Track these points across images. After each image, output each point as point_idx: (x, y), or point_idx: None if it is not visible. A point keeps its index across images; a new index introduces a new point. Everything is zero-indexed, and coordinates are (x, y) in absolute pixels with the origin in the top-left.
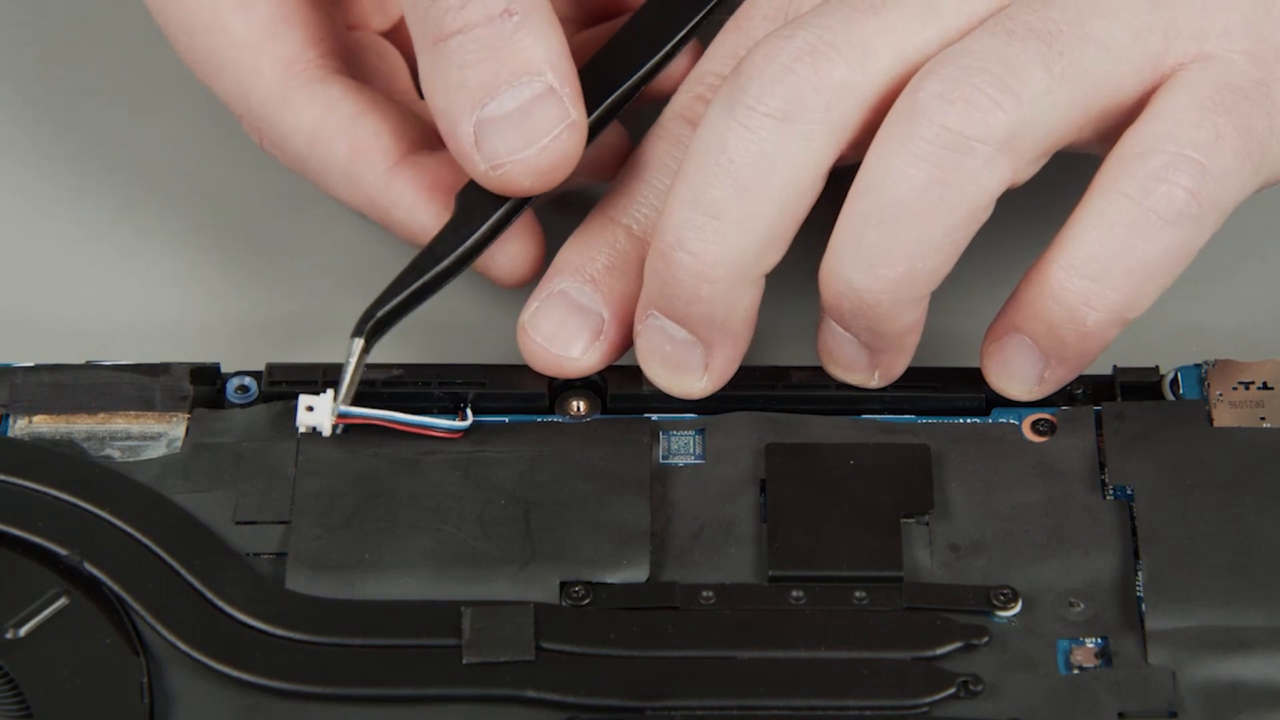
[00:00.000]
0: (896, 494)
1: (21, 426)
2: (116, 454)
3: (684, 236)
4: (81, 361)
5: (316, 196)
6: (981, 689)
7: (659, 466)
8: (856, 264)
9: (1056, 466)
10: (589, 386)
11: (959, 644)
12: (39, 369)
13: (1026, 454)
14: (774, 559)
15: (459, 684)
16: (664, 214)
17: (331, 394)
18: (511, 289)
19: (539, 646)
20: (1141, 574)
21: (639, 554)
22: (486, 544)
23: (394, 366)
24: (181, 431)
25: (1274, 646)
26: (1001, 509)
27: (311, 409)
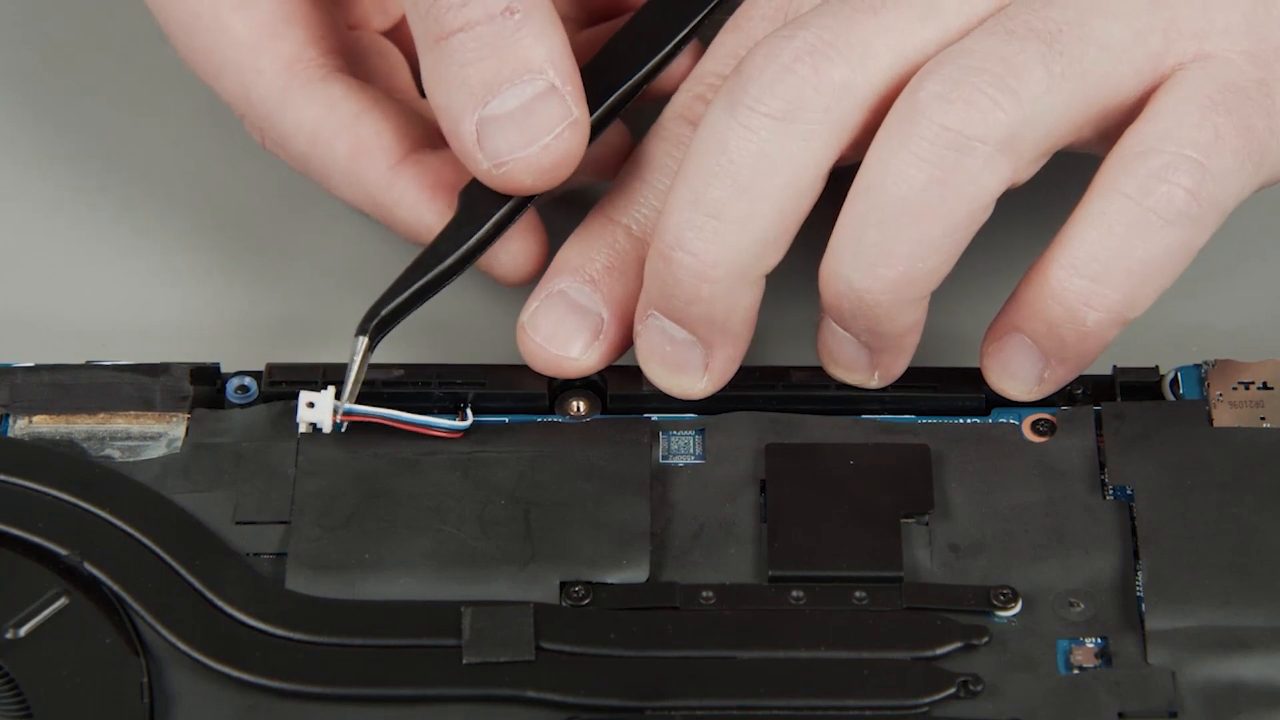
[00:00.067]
0: (896, 494)
1: (21, 426)
2: (116, 454)
3: (684, 236)
4: (81, 361)
5: (317, 196)
6: (981, 689)
7: (659, 466)
8: (856, 264)
9: (1056, 466)
10: (589, 386)
11: (959, 644)
12: (39, 369)
13: (1026, 454)
14: (774, 559)
15: (459, 684)
16: (664, 214)
17: (332, 390)
18: (514, 287)
19: (539, 646)
20: (1141, 574)
21: (639, 554)
22: (486, 544)
23: (394, 366)
24: (181, 431)
25: (1274, 646)
26: (1001, 509)
27: (312, 405)
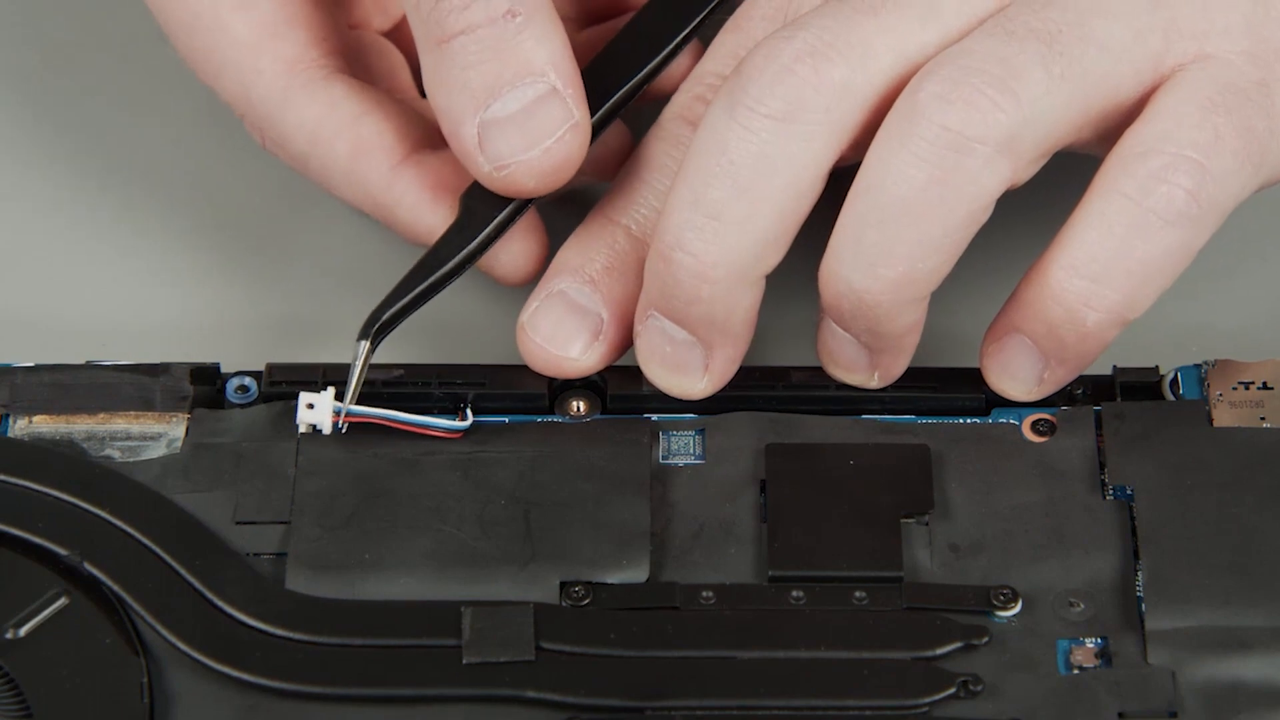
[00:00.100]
0: (896, 494)
1: (21, 426)
2: (116, 454)
3: (684, 237)
4: (81, 361)
5: (317, 196)
6: (981, 689)
7: (659, 466)
8: (856, 264)
9: (1056, 466)
10: (589, 387)
11: (959, 644)
12: (39, 369)
13: (1026, 454)
14: (774, 559)
15: (459, 684)
16: (664, 215)
17: (332, 392)
18: (514, 287)
19: (539, 646)
20: (1141, 574)
21: (639, 554)
22: (486, 544)
23: (395, 367)
24: (181, 431)
25: (1274, 646)
26: (1001, 509)
27: (312, 406)
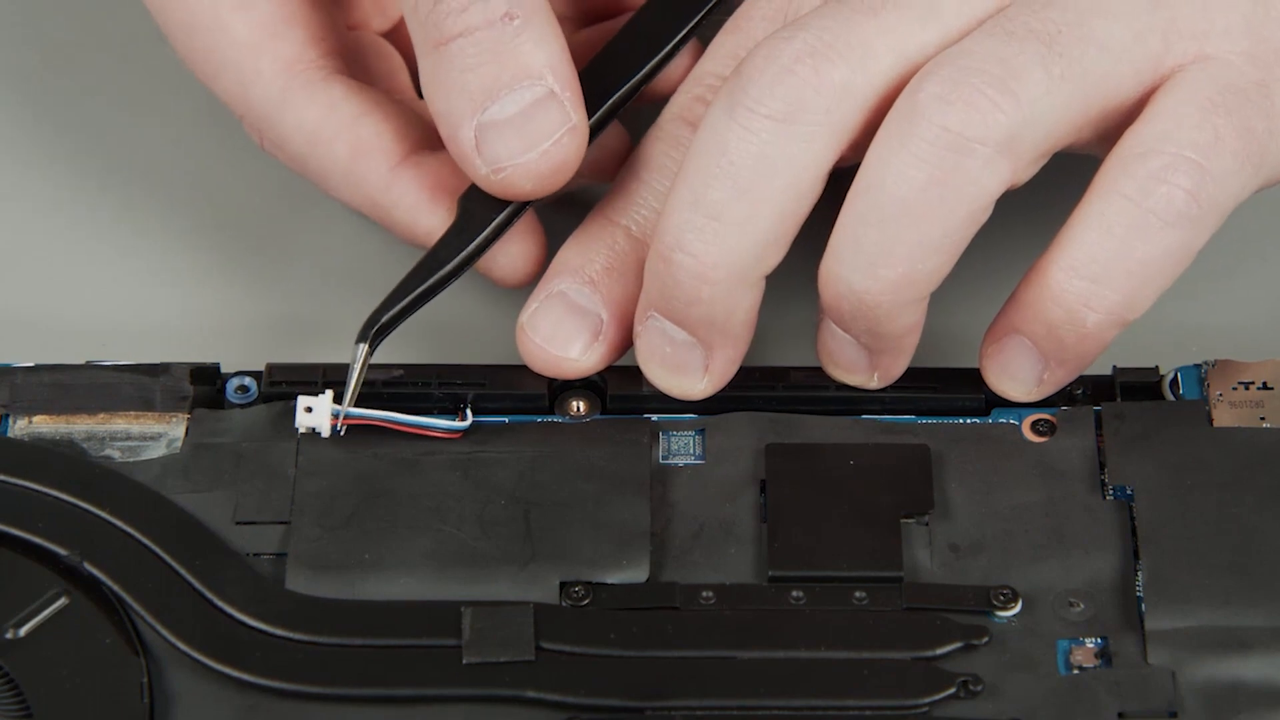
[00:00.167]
0: (896, 494)
1: (21, 426)
2: (116, 454)
3: (684, 238)
4: (81, 361)
5: (316, 196)
6: (981, 689)
7: (659, 466)
8: (856, 265)
9: (1056, 466)
10: (589, 387)
11: (959, 644)
12: (39, 369)
13: (1026, 454)
14: (774, 559)
15: (459, 684)
16: (664, 215)
17: (330, 395)
18: (513, 289)
19: (539, 646)
20: (1141, 574)
21: (639, 554)
22: (486, 544)
23: (394, 367)
24: (181, 432)
25: (1274, 646)
26: (1001, 509)
27: (310, 410)
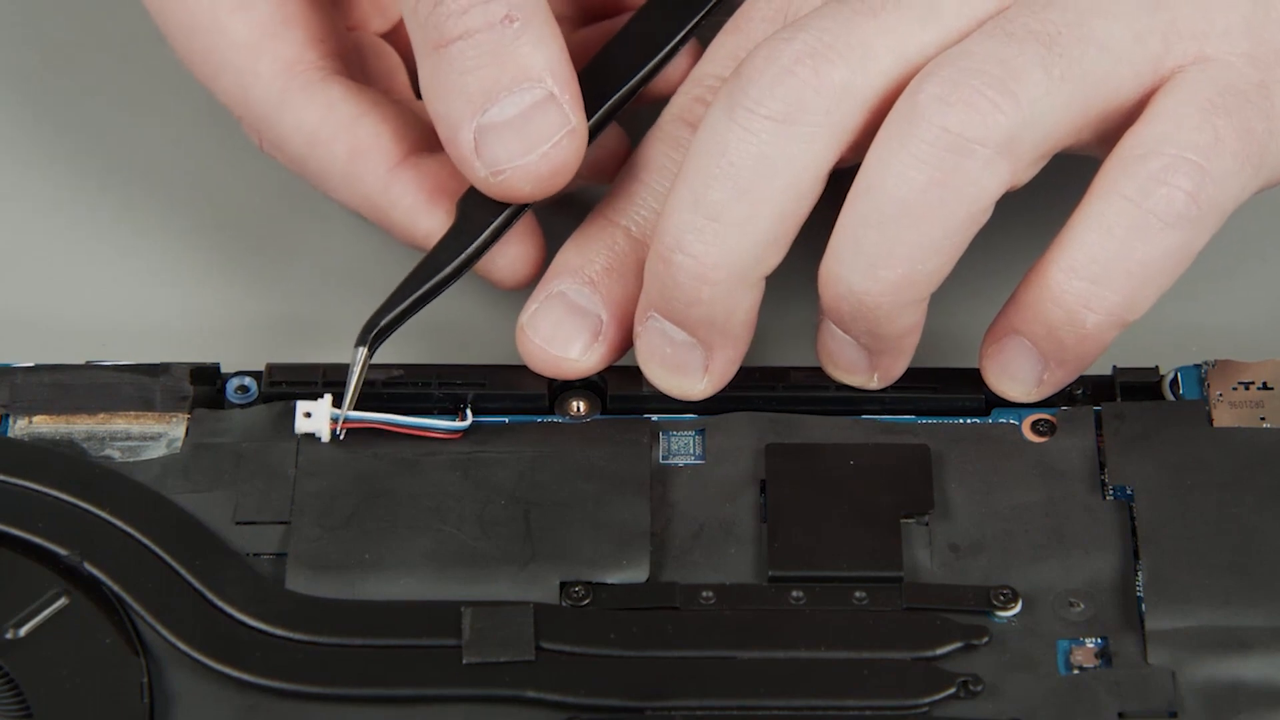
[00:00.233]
0: (896, 494)
1: (21, 426)
2: (116, 454)
3: (684, 239)
4: (81, 361)
5: (316, 197)
6: (981, 689)
7: (659, 466)
8: (856, 265)
9: (1056, 466)
10: (589, 387)
11: (959, 644)
12: (39, 369)
13: (1026, 454)
14: (774, 559)
15: (459, 684)
16: (664, 216)
17: (329, 399)
18: (512, 291)
19: (539, 646)
20: (1141, 574)
21: (639, 554)
22: (486, 544)
23: (394, 367)
24: (181, 432)
25: (1274, 646)
26: (1001, 509)
27: (309, 415)
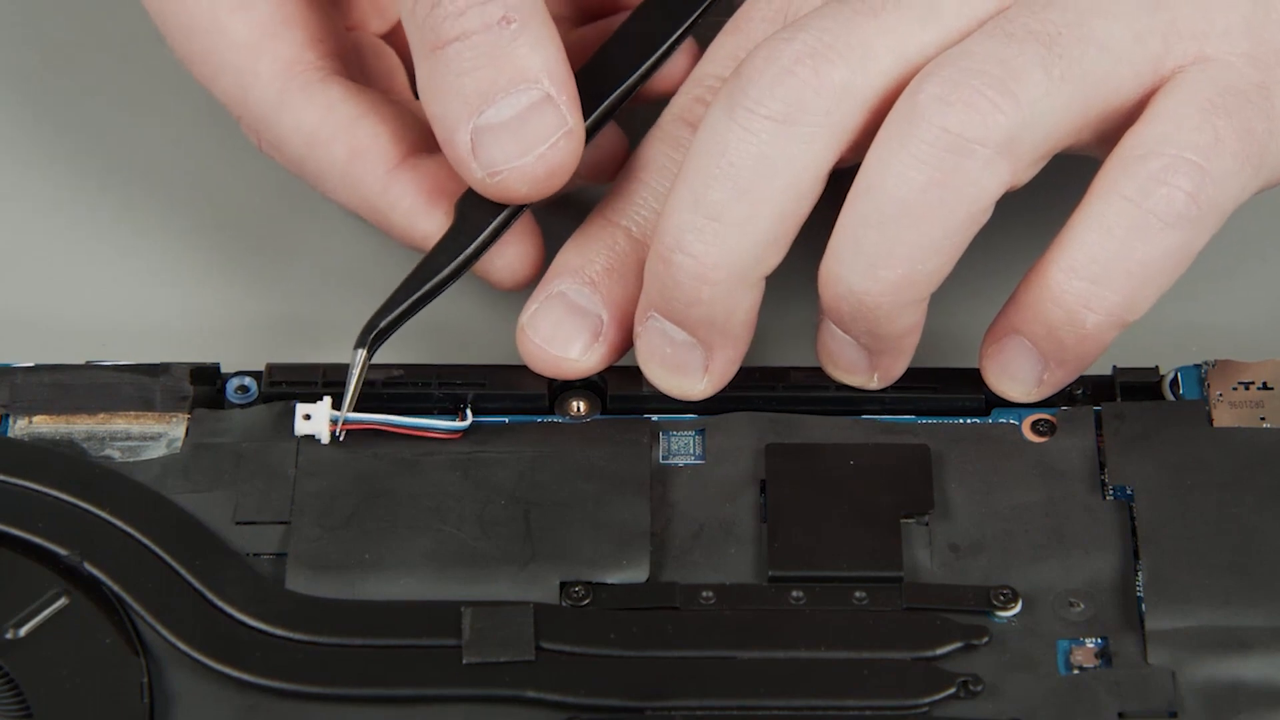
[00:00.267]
0: (896, 494)
1: (21, 426)
2: (116, 454)
3: (684, 239)
4: (81, 361)
5: (316, 197)
6: (981, 689)
7: (659, 466)
8: (856, 265)
9: (1056, 466)
10: (589, 387)
11: (959, 644)
12: (39, 369)
13: (1026, 454)
14: (774, 559)
15: (459, 684)
16: (664, 216)
17: (328, 402)
18: (511, 291)
19: (539, 646)
20: (1141, 574)
21: (639, 554)
22: (486, 544)
23: (394, 367)
24: (181, 432)
25: (1274, 646)
26: (1001, 509)
27: (309, 417)
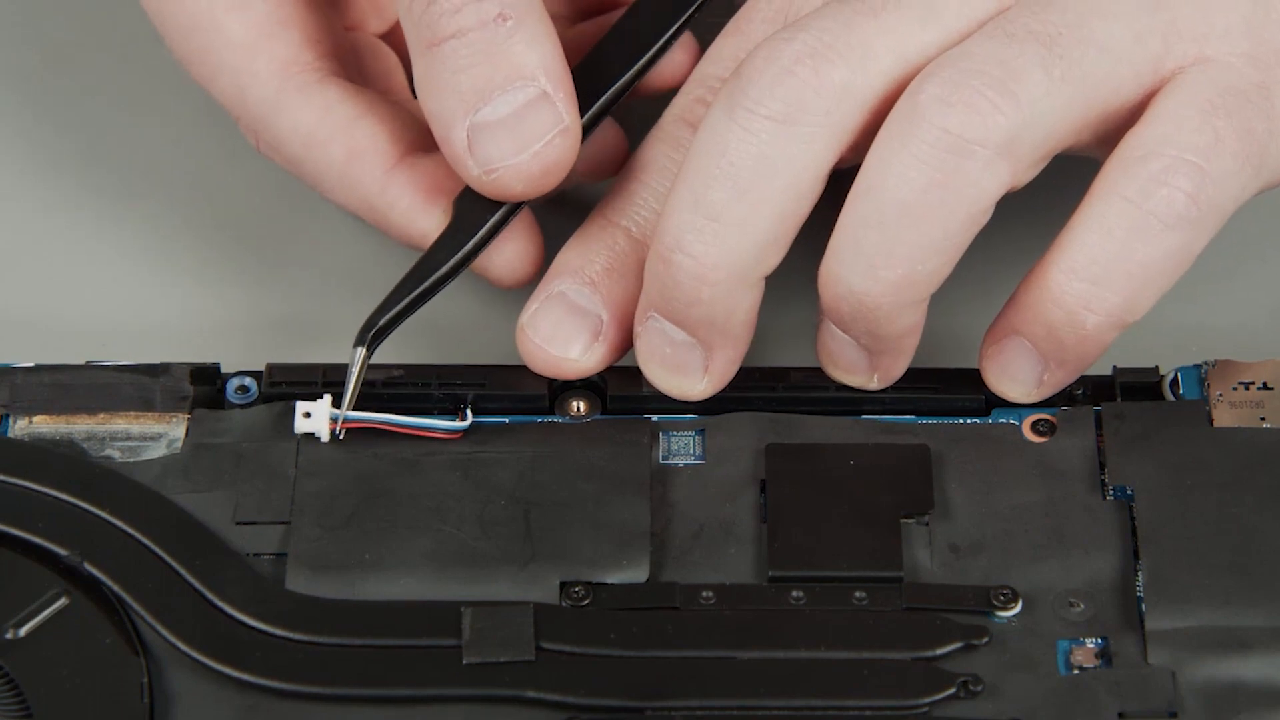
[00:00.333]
0: (896, 494)
1: (21, 426)
2: (116, 454)
3: (684, 239)
4: (81, 361)
5: (316, 197)
6: (981, 689)
7: (659, 467)
8: (856, 266)
9: (1056, 466)
10: (589, 387)
11: (959, 644)
12: (39, 369)
13: (1026, 454)
14: (774, 559)
15: (459, 684)
16: (664, 216)
17: (328, 400)
18: (510, 290)
19: (539, 646)
20: (1141, 574)
21: (639, 554)
22: (486, 544)
23: (394, 367)
24: (181, 432)
25: (1274, 646)
26: (1001, 509)
27: (309, 416)
